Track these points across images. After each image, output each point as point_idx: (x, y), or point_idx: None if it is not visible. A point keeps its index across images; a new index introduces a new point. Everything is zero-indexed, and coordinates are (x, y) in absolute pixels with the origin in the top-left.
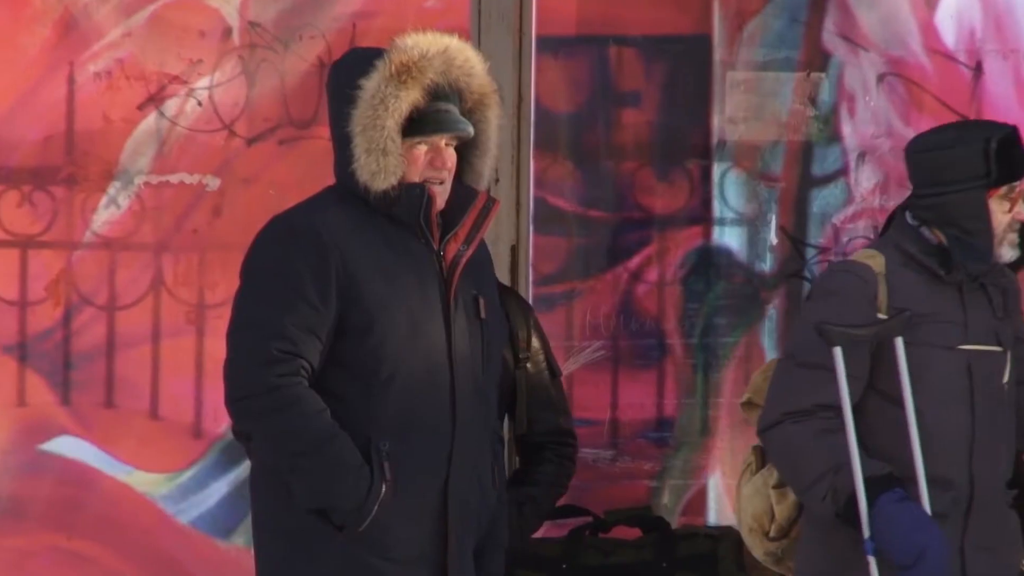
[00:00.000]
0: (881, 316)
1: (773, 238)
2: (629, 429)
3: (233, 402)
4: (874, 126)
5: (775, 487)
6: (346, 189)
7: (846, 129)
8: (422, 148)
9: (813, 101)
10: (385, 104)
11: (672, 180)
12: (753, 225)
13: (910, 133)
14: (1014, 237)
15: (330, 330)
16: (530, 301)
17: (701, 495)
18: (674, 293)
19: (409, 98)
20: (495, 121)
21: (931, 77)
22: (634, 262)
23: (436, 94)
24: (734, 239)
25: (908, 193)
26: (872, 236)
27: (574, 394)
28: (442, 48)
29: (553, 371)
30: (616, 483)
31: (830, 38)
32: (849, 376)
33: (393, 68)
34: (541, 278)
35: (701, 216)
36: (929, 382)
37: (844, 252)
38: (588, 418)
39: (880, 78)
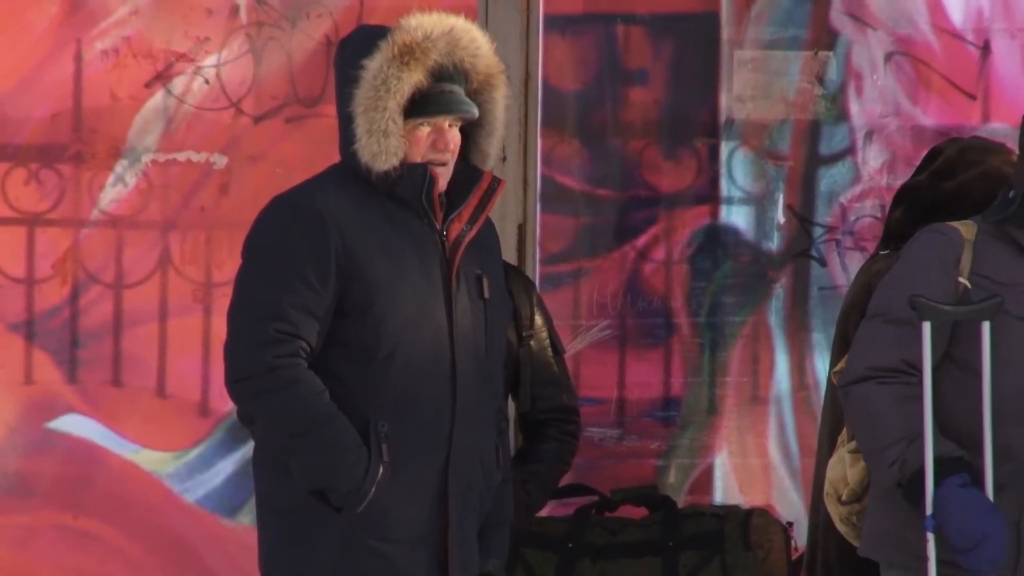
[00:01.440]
0: (962, 280)
1: (780, 217)
2: (636, 408)
3: (232, 383)
4: (882, 105)
5: (851, 452)
6: (349, 168)
7: (854, 108)
8: (425, 129)
9: (821, 80)
10: (387, 85)
11: (679, 159)
12: (760, 204)
13: (917, 112)
14: None
15: (329, 310)
16: (537, 280)
17: (707, 474)
18: (681, 272)
19: (412, 79)
20: (502, 101)
21: (939, 56)
22: (641, 241)
23: (440, 75)
24: (741, 218)
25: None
26: (880, 215)
27: (581, 373)
28: (447, 28)
29: (556, 349)
30: (622, 462)
31: (838, 16)
32: (935, 335)
33: (396, 49)
34: (548, 257)
35: (708, 195)
36: (1001, 350)
37: (851, 231)
38: (595, 397)
39: (888, 57)
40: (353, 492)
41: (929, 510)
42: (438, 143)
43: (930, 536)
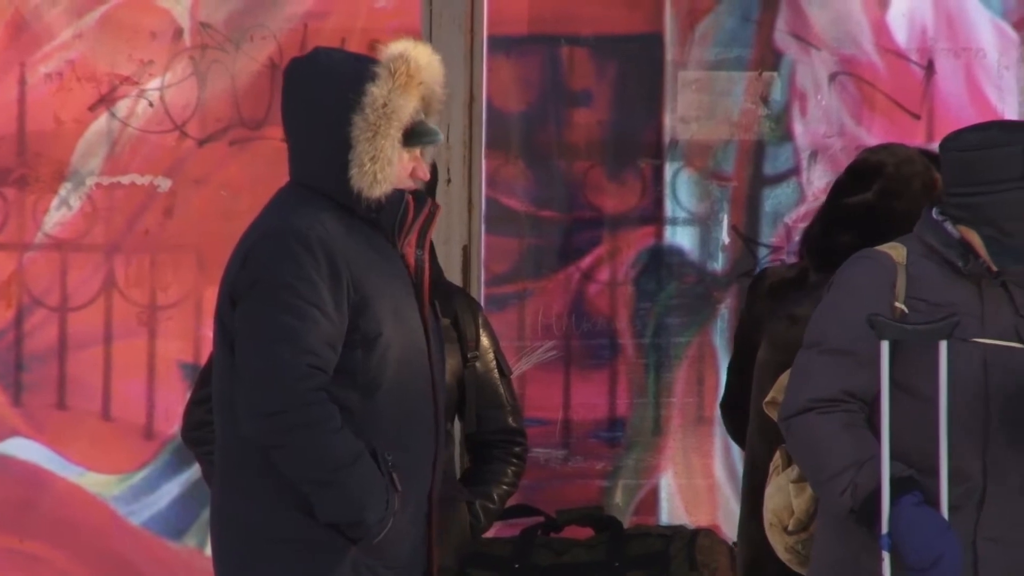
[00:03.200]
0: (898, 304)
1: (725, 237)
2: (581, 429)
3: (259, 418)
4: (826, 125)
5: (794, 481)
6: (318, 193)
7: (798, 128)
8: (407, 157)
9: (765, 100)
10: (397, 113)
11: (624, 180)
12: (705, 224)
13: (861, 132)
14: None
15: (342, 342)
16: (482, 301)
17: (653, 494)
18: (626, 293)
19: (411, 107)
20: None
21: (883, 76)
22: (586, 262)
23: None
24: (686, 239)
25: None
26: None
27: (526, 394)
28: (430, 59)
29: (502, 370)
30: (568, 483)
31: (782, 37)
32: (872, 364)
33: (403, 77)
34: (493, 278)
35: (653, 216)
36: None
37: (796, 251)
38: (540, 418)
39: (832, 77)
40: (378, 524)
41: (885, 529)
42: (417, 171)
43: (886, 555)
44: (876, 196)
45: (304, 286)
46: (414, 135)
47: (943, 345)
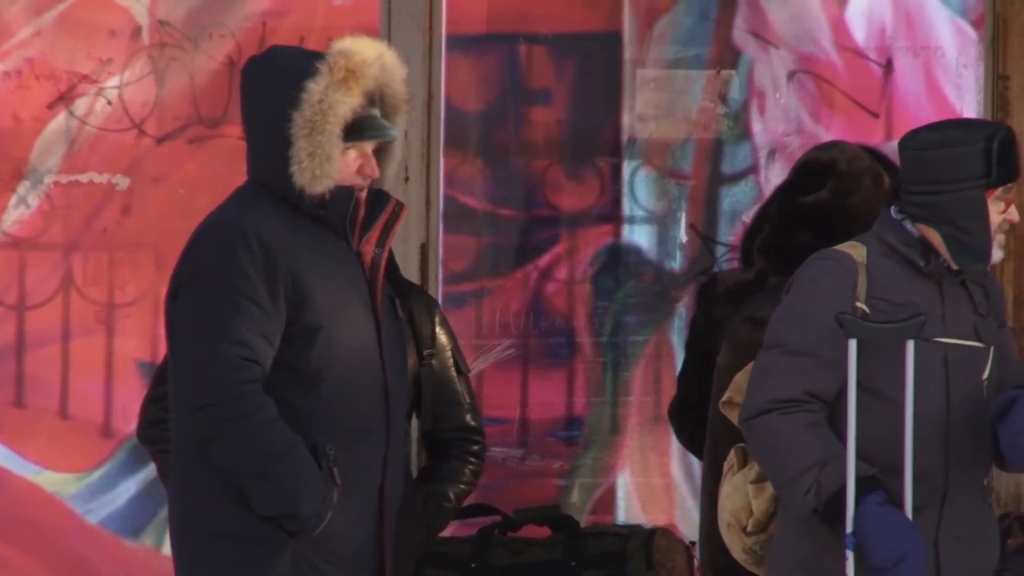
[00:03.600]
0: (860, 305)
1: (683, 236)
2: (538, 428)
3: (192, 410)
4: (784, 123)
5: (753, 482)
6: (267, 189)
7: (756, 127)
8: (353, 153)
9: (723, 99)
10: (334, 109)
11: (582, 178)
12: (663, 223)
13: (820, 130)
14: (1003, 238)
15: (279, 335)
16: (440, 299)
17: (610, 493)
18: (584, 291)
19: (352, 103)
20: (402, 128)
21: (841, 74)
22: (544, 260)
23: (370, 100)
24: (644, 237)
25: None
26: None
27: (484, 392)
28: (379, 54)
29: (460, 369)
30: (525, 482)
31: (740, 35)
32: (834, 365)
33: (341, 73)
34: (451, 276)
35: (611, 214)
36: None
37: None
38: (498, 416)
39: (790, 75)
40: (315, 517)
41: (849, 528)
42: (364, 167)
43: (849, 554)
44: (831, 194)
45: (238, 279)
46: (355, 131)
47: (910, 344)
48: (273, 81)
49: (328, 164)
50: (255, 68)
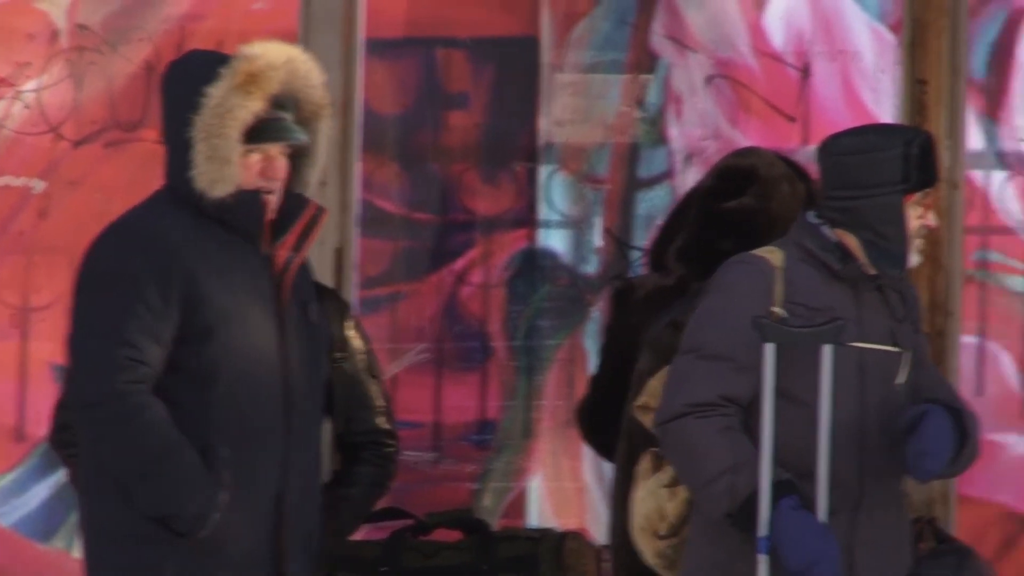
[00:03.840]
0: (777, 309)
1: (598, 240)
2: (452, 432)
3: (79, 409)
4: (701, 128)
5: (666, 486)
6: (178, 193)
7: (673, 131)
8: (256, 156)
9: (640, 103)
10: (232, 113)
11: (498, 182)
12: (578, 228)
13: (737, 135)
14: (920, 243)
15: (170, 336)
16: (355, 304)
17: (522, 497)
18: (498, 296)
19: (253, 107)
20: (326, 133)
21: (759, 79)
22: (459, 264)
23: (275, 103)
24: (559, 241)
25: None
26: None
27: (398, 396)
28: (287, 58)
29: (373, 372)
30: (438, 485)
31: (658, 40)
32: (751, 369)
33: (240, 77)
34: (366, 280)
35: (526, 218)
36: (818, 376)
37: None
38: (411, 420)
39: (708, 80)
40: (199, 517)
41: (763, 531)
42: (267, 171)
43: (763, 558)
44: (754, 199)
45: (128, 280)
46: (256, 134)
47: (827, 349)
48: (178, 85)
49: (227, 168)
50: (168, 72)
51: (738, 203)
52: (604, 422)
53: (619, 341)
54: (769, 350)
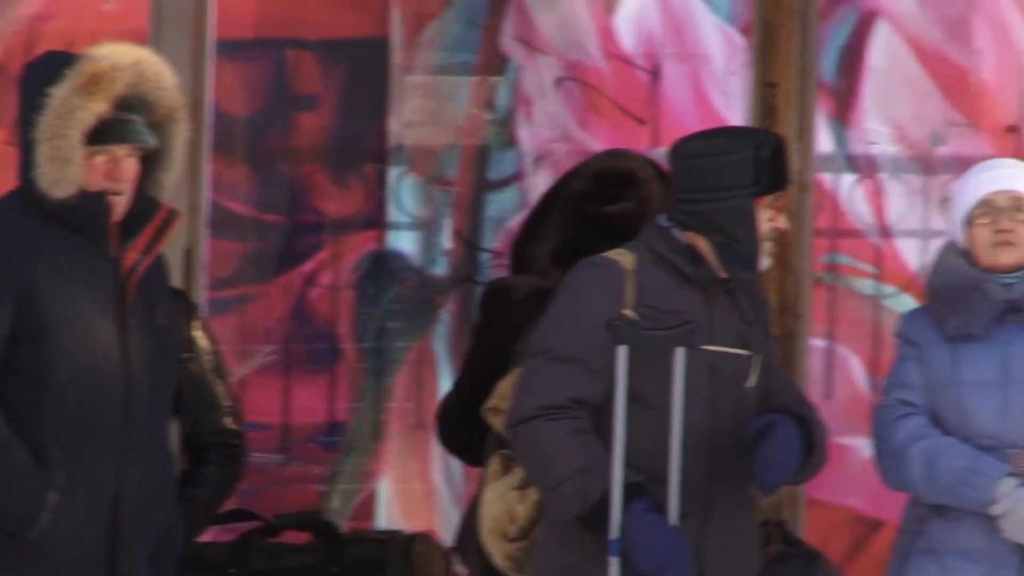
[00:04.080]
0: (628, 312)
1: (447, 242)
2: (300, 433)
3: None
4: (551, 130)
5: (516, 488)
6: (26, 194)
7: (523, 133)
8: (101, 158)
9: (490, 105)
10: (73, 114)
11: (348, 184)
12: (428, 229)
13: (586, 137)
14: (770, 246)
15: (4, 335)
16: (204, 305)
17: (370, 499)
18: (348, 297)
19: (96, 109)
20: (182, 135)
21: (609, 81)
22: (308, 266)
23: (122, 105)
24: (408, 243)
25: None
26: None
27: (246, 398)
28: (134, 60)
29: (220, 373)
30: (286, 487)
31: (508, 42)
32: (601, 371)
33: (83, 78)
34: (215, 282)
35: (376, 220)
36: (669, 379)
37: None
38: (260, 422)
39: (557, 82)
40: (27, 518)
41: (615, 534)
42: (113, 172)
43: (614, 561)
44: (635, 203)
45: None
46: (100, 136)
47: (680, 352)
48: (27, 86)
49: (69, 168)
50: (22, 73)
51: (620, 208)
52: (466, 425)
53: (490, 343)
54: (622, 353)
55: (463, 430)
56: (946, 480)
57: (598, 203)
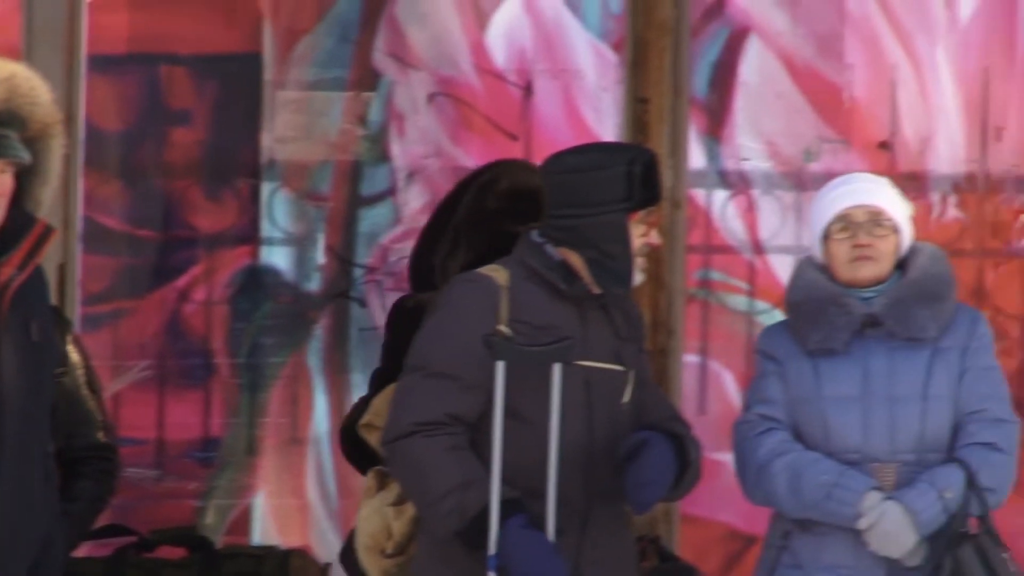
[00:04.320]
0: (502, 328)
1: (321, 258)
2: (175, 448)
3: None
4: (423, 146)
5: (392, 504)
6: None
7: (395, 149)
8: None
9: (362, 121)
10: None
11: (221, 199)
12: (301, 245)
13: (459, 153)
14: (643, 261)
15: None
16: (77, 320)
17: (246, 514)
18: (221, 312)
19: None
20: (59, 151)
21: (481, 97)
22: (182, 281)
23: None
24: (282, 258)
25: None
26: None
27: (120, 413)
28: (7, 75)
29: (93, 387)
30: (161, 502)
31: (380, 58)
32: (477, 387)
33: None
34: (89, 297)
35: (249, 235)
36: (546, 394)
37: (392, 272)
38: (134, 437)
39: (430, 98)
40: None
41: (492, 550)
42: None
43: None
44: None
45: None
46: None
47: (557, 368)
48: None
49: None
50: None
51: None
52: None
53: (399, 360)
54: (499, 368)
55: (367, 444)
56: (811, 495)
57: (513, 221)
